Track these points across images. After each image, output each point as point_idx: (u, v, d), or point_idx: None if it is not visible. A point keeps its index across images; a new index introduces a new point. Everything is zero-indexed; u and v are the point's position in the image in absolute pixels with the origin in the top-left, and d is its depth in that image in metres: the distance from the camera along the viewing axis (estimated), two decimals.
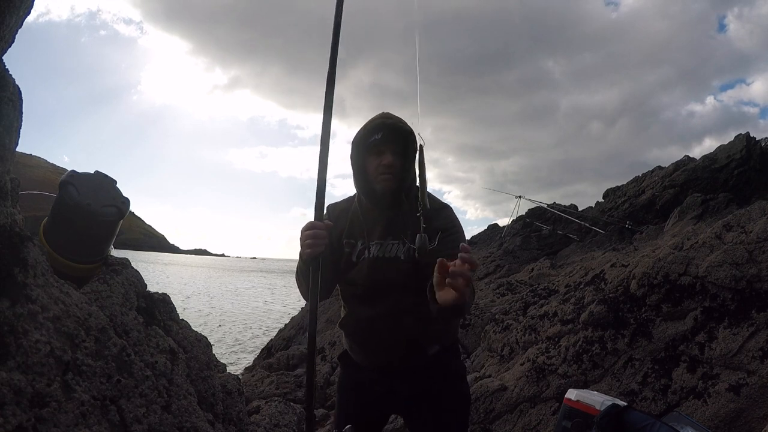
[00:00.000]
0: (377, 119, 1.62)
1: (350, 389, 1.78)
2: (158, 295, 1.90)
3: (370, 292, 1.63)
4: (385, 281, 1.60)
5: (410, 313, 1.58)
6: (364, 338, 1.68)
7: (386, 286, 1.61)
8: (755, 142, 14.32)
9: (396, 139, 1.59)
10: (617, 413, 2.01)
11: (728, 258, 3.11)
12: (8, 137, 1.32)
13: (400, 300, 1.59)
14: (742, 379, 2.66)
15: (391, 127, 1.59)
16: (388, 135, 1.58)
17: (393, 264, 1.60)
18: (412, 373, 1.66)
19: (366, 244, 1.64)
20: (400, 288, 1.59)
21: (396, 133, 1.59)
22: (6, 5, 1.20)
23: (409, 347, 1.63)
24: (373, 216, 1.66)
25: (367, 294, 1.64)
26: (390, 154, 1.58)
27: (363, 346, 1.69)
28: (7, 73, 1.33)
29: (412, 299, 1.56)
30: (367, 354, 1.69)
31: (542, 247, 13.71)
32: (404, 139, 1.60)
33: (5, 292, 1.08)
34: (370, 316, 1.62)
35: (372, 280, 1.62)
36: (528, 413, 3.23)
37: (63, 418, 1.09)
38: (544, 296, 5.49)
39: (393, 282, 1.60)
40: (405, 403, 1.71)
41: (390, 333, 1.61)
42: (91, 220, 1.37)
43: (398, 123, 1.62)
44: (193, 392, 1.73)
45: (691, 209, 9.97)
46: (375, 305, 1.62)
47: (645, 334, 3.16)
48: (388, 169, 1.58)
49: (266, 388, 4.81)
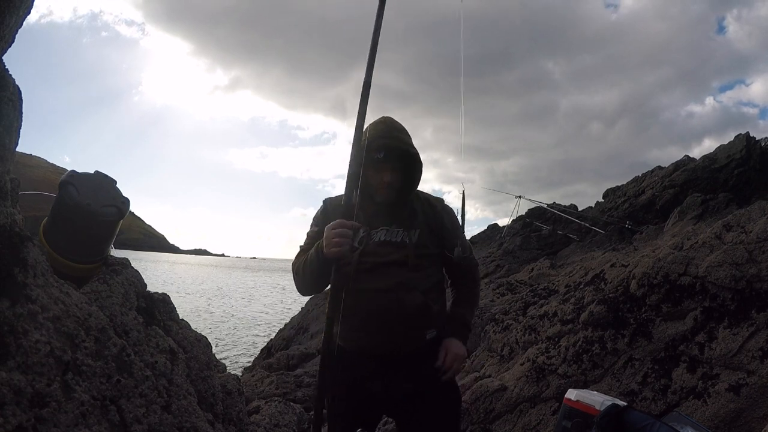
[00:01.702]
0: (380, 138, 1.66)
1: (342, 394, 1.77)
2: (158, 295, 1.90)
3: (375, 268, 1.67)
4: (393, 258, 1.67)
5: (415, 289, 1.66)
6: (366, 314, 1.67)
7: (392, 263, 1.67)
8: (755, 142, 14.32)
9: (398, 158, 1.67)
10: (617, 413, 2.01)
11: (728, 258, 3.11)
12: (8, 137, 1.32)
13: (406, 277, 1.66)
14: (742, 379, 2.66)
15: (394, 149, 1.66)
16: (389, 155, 1.65)
17: (401, 247, 1.68)
18: (408, 362, 1.69)
19: (368, 231, 1.70)
20: (406, 268, 1.66)
21: (398, 154, 1.67)
22: (6, 5, 1.20)
23: (409, 327, 1.67)
24: (375, 208, 1.73)
25: (377, 268, 1.67)
26: (390, 173, 1.66)
27: (363, 325, 1.69)
28: (7, 73, 1.33)
29: (416, 277, 1.67)
30: (367, 333, 1.69)
31: (542, 247, 13.72)
32: (406, 159, 1.69)
33: (5, 292, 1.08)
34: (376, 289, 1.65)
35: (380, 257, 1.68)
36: (528, 413, 3.23)
37: (63, 418, 1.09)
38: (544, 296, 5.49)
39: (399, 262, 1.67)
40: (399, 403, 1.72)
41: (394, 308, 1.64)
42: (91, 220, 1.37)
43: (401, 144, 1.68)
44: (193, 392, 1.73)
45: (691, 209, 9.97)
46: (379, 280, 1.66)
47: (645, 334, 3.16)
48: (389, 186, 1.68)
49: (266, 388, 4.81)
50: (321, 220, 1.79)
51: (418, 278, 1.68)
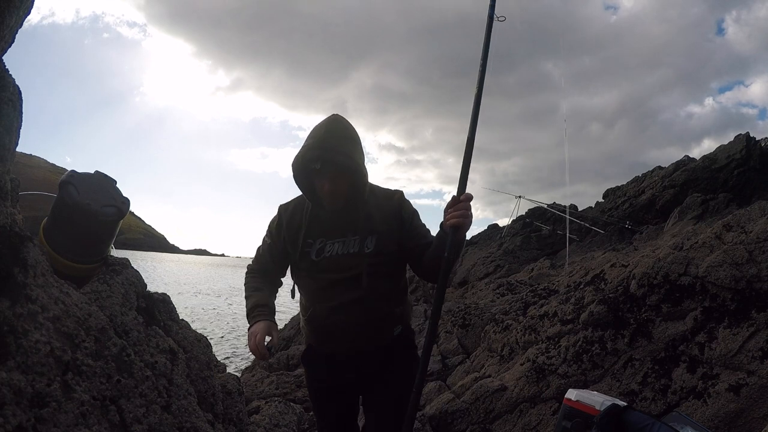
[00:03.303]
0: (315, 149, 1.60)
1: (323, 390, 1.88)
2: (158, 295, 1.91)
3: (339, 283, 1.70)
4: (351, 272, 1.68)
5: (376, 301, 1.70)
6: (335, 326, 1.72)
7: (355, 276, 1.68)
8: (755, 142, 14.32)
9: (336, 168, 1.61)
10: (617, 413, 2.01)
11: (728, 258, 3.11)
12: (8, 137, 1.32)
13: (371, 286, 1.68)
14: (742, 379, 2.66)
15: (328, 161, 1.59)
16: (325, 166, 1.60)
17: (358, 258, 1.68)
18: (379, 352, 1.77)
19: (324, 242, 1.72)
20: (369, 276, 1.68)
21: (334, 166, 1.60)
22: (6, 5, 1.20)
23: (377, 329, 1.74)
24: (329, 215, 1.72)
25: (337, 284, 1.70)
26: (329, 183, 1.62)
27: (333, 335, 1.76)
28: (7, 73, 1.33)
29: (376, 287, 1.69)
30: (337, 342, 1.76)
31: (542, 247, 13.72)
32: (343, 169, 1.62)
33: (5, 292, 1.08)
34: (342, 304, 1.69)
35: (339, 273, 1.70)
36: (528, 413, 3.23)
37: (63, 418, 1.09)
38: (544, 296, 5.49)
39: (356, 276, 1.68)
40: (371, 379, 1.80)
41: (361, 317, 1.69)
42: (91, 220, 1.37)
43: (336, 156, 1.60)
44: (193, 392, 1.73)
45: (691, 209, 9.98)
46: (339, 296, 1.69)
47: (645, 334, 3.16)
48: (332, 194, 1.64)
49: (266, 388, 4.81)
50: (275, 232, 1.82)
51: (378, 287, 1.70)
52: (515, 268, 11.98)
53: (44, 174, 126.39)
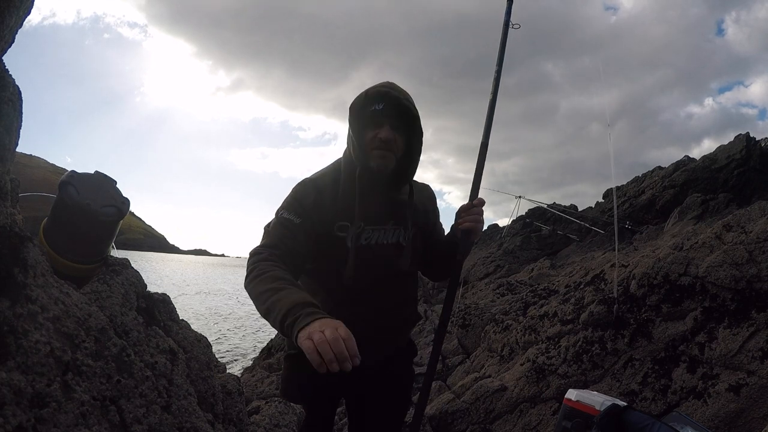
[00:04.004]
0: (381, 87, 1.43)
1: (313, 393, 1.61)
2: (158, 295, 1.91)
3: (375, 279, 1.47)
4: (390, 268, 1.50)
5: (411, 298, 1.62)
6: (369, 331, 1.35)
7: (394, 272, 1.51)
8: (755, 142, 14.32)
9: (399, 113, 1.42)
10: (617, 413, 2.01)
11: (728, 258, 3.11)
12: (8, 137, 1.32)
13: (405, 289, 1.58)
14: (742, 379, 2.66)
15: (394, 101, 1.41)
16: (389, 108, 1.41)
17: (397, 250, 1.50)
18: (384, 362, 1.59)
19: (361, 228, 1.45)
20: (404, 276, 1.55)
21: (399, 107, 1.42)
22: (6, 5, 1.19)
23: (398, 338, 1.64)
24: (371, 196, 1.46)
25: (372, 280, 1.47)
26: (388, 128, 1.40)
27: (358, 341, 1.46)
28: (7, 74, 1.33)
29: (409, 287, 1.60)
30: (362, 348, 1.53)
31: (542, 247, 13.72)
32: (407, 117, 1.44)
33: (5, 292, 1.08)
34: (377, 305, 1.48)
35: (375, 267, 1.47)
36: (528, 413, 3.23)
37: (63, 419, 1.09)
38: (544, 296, 5.49)
39: (399, 270, 1.51)
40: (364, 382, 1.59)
41: (392, 323, 1.56)
42: (91, 220, 1.37)
43: (403, 100, 1.43)
44: (193, 392, 1.73)
45: (691, 209, 9.98)
46: (382, 292, 1.49)
47: (645, 335, 3.16)
48: (385, 144, 1.40)
49: (266, 389, 4.81)
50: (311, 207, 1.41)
51: (411, 288, 1.61)
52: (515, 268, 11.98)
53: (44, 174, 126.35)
